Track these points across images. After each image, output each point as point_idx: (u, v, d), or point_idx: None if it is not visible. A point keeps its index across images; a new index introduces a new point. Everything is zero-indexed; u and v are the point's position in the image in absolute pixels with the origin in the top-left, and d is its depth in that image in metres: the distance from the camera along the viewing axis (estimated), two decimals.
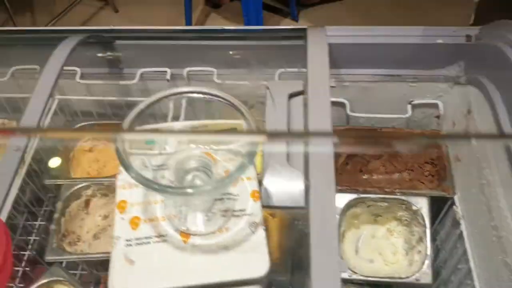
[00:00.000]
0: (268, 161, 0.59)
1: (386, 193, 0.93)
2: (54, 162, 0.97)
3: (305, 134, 0.61)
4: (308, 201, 0.57)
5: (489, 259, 0.77)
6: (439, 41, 0.88)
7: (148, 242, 0.50)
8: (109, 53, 0.95)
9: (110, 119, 1.04)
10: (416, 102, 0.97)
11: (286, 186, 0.57)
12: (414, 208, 0.91)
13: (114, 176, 0.92)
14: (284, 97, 0.65)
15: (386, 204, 0.94)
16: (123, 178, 0.56)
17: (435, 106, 0.97)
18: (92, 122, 1.01)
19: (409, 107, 0.96)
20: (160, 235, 0.51)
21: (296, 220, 0.73)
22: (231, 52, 0.94)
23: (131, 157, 0.58)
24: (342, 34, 0.89)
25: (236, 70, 0.95)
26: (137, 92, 1.00)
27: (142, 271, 0.48)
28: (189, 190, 0.43)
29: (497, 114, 0.73)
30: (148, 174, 0.55)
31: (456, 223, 0.89)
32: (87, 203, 0.94)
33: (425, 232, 0.90)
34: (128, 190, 0.54)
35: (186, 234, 0.51)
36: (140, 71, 0.95)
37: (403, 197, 0.92)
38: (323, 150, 0.60)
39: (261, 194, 0.54)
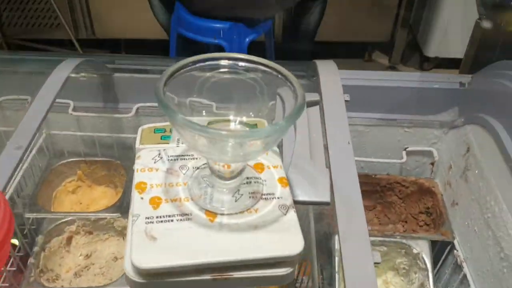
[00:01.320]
0: (291, 158, 0.57)
1: (386, 236, 0.90)
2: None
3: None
4: (333, 197, 0.55)
5: None
6: (436, 86, 0.91)
7: (171, 220, 0.46)
8: (104, 87, 0.93)
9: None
10: (411, 149, 0.98)
11: (311, 182, 0.55)
12: (414, 251, 0.88)
13: (102, 210, 0.87)
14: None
15: (385, 248, 0.90)
16: (141, 162, 0.52)
17: (429, 153, 0.98)
18: (79, 159, 0.97)
19: (404, 153, 0.97)
20: (184, 214, 0.47)
21: None
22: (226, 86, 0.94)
23: (150, 149, 0.55)
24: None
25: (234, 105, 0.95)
26: (130, 130, 0.97)
27: (165, 246, 0.44)
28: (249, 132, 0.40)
29: (503, 144, 0.74)
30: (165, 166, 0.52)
31: (457, 268, 0.87)
32: (69, 240, 0.87)
33: (427, 275, 0.86)
34: (147, 173, 0.51)
35: (212, 213, 0.47)
36: (136, 106, 0.94)
37: (403, 241, 0.89)
38: (343, 153, 0.59)
39: None
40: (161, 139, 0.57)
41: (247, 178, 0.50)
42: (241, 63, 0.47)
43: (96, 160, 0.96)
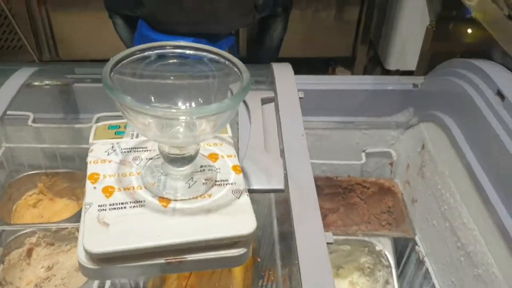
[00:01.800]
0: (246, 149, 0.58)
1: (349, 235, 0.91)
2: None
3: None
4: (287, 184, 0.56)
5: (459, 282, 0.75)
6: (390, 87, 0.94)
7: (124, 207, 0.46)
8: (64, 97, 0.93)
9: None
10: (369, 150, 1.00)
11: (265, 171, 0.56)
12: (377, 248, 0.89)
13: (63, 220, 0.87)
14: (257, 102, 0.66)
15: (349, 247, 0.92)
16: (94, 155, 0.52)
17: (388, 154, 1.00)
18: (40, 171, 0.96)
19: (363, 154, 0.99)
20: (137, 201, 0.47)
21: None
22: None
23: (103, 142, 0.55)
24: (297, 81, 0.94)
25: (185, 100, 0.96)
26: None
27: (118, 231, 0.44)
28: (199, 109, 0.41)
29: (453, 136, 0.77)
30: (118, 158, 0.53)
31: (420, 263, 0.88)
32: (29, 252, 0.86)
33: (391, 272, 0.88)
34: (100, 165, 0.51)
35: (165, 199, 0.47)
36: (96, 115, 0.93)
37: (366, 238, 0.90)
38: (297, 144, 0.61)
39: None
40: (115, 134, 0.57)
41: (201, 166, 0.51)
42: (188, 51, 0.48)
43: (57, 172, 0.96)
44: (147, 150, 0.53)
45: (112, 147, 0.53)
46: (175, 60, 0.47)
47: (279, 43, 1.77)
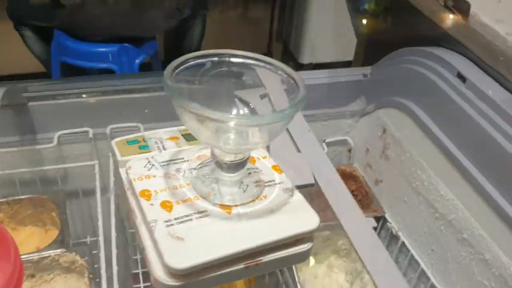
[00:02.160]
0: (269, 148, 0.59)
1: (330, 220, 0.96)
2: None
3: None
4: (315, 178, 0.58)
5: (440, 249, 0.83)
6: (342, 79, 1.00)
7: (190, 219, 0.46)
8: (19, 118, 0.87)
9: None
10: (328, 140, 1.06)
11: (293, 167, 0.58)
12: None
13: (44, 249, 0.81)
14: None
15: (328, 232, 0.96)
16: (134, 172, 0.51)
17: (345, 142, 1.07)
18: (1, 200, 0.88)
19: (324, 144, 1.05)
20: (200, 212, 0.47)
21: None
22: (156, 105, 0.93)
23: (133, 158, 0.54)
24: None
25: (164, 124, 0.94)
26: (53, 161, 0.91)
27: (195, 244, 0.43)
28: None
29: (418, 117, 0.85)
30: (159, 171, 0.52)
31: (394, 238, 0.95)
32: None
33: None
34: (145, 181, 0.50)
35: (226, 206, 0.48)
36: (57, 134, 0.89)
37: None
38: (309, 140, 0.63)
39: None
40: (139, 148, 0.56)
41: (247, 169, 0.52)
42: (241, 60, 0.48)
43: (19, 199, 0.89)
44: (186, 161, 0.53)
45: (149, 162, 0.52)
46: (227, 68, 0.47)
47: (199, 43, 1.77)
